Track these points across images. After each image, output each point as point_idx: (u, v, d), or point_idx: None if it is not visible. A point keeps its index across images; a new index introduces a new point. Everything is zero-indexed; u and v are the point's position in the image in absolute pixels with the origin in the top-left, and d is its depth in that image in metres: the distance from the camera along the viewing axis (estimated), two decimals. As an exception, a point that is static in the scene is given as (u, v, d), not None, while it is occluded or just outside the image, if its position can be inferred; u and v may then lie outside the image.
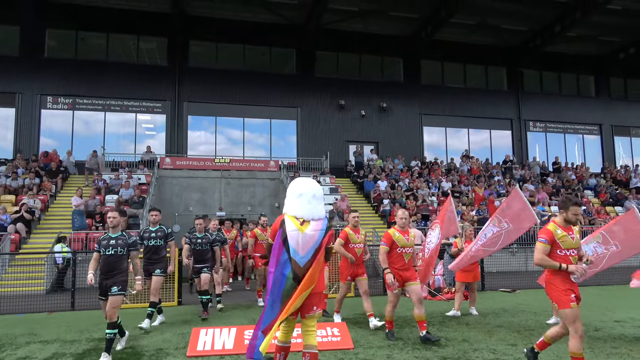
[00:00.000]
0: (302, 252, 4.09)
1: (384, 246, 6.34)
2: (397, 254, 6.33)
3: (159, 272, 7.59)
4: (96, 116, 21.70)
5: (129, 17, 21.49)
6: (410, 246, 6.42)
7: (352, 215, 7.69)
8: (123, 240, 6.01)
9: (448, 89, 25.49)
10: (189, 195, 19.00)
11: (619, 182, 23.88)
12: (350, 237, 7.41)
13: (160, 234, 7.75)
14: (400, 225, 6.47)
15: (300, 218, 4.19)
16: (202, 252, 8.38)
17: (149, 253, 7.71)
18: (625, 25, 23.73)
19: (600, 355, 5.59)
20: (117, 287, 5.81)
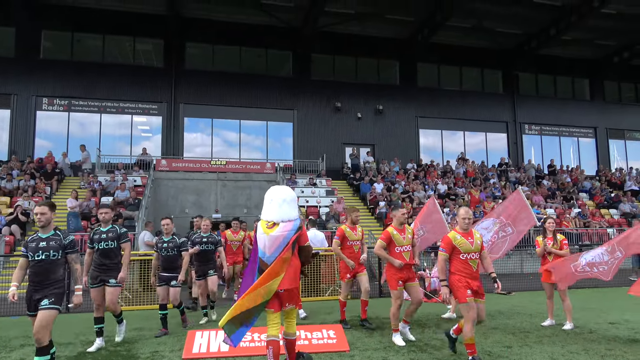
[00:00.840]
0: (268, 252, 4.61)
1: (444, 253, 5.48)
2: (462, 261, 5.45)
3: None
4: (92, 118, 21.64)
5: (125, 19, 21.47)
6: (476, 251, 5.52)
7: (354, 213, 7.62)
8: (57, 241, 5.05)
9: (444, 91, 25.58)
10: (185, 197, 18.97)
11: (613, 185, 24.00)
12: (348, 235, 7.36)
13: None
14: (463, 227, 5.55)
15: (270, 221, 4.71)
16: (169, 259, 7.34)
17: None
18: (620, 29, 23.90)
19: (594, 357, 5.62)
20: (48, 300, 4.80)
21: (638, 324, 7.50)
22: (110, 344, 6.49)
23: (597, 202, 22.01)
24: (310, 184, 19.69)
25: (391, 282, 6.41)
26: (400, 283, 6.34)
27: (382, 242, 6.46)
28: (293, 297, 4.69)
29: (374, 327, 7.13)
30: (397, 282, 6.34)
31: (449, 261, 5.54)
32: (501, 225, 7.65)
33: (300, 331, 6.20)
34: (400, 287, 6.37)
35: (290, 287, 4.64)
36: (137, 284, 10.46)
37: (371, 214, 18.94)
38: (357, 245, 7.39)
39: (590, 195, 22.77)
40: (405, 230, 6.55)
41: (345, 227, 7.35)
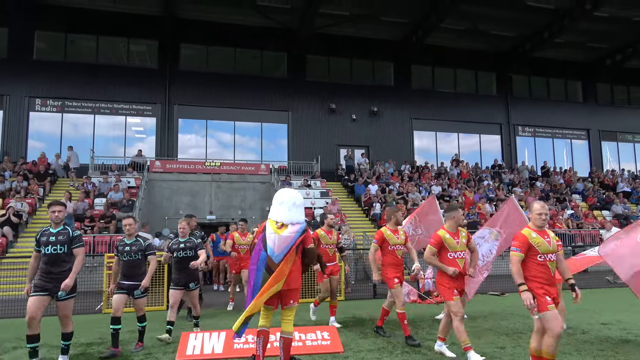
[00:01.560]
0: (277, 251, 4.81)
1: (519, 252, 4.68)
2: (539, 264, 4.65)
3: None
4: (85, 119, 21.54)
5: (119, 20, 21.39)
6: (554, 251, 4.77)
7: (398, 213, 6.79)
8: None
9: (438, 93, 25.67)
10: (179, 198, 18.91)
11: (606, 186, 24.17)
12: (387, 237, 6.59)
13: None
14: (538, 225, 4.78)
15: (279, 222, 4.92)
16: (131, 265, 6.30)
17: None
18: (612, 32, 24.11)
19: (586, 357, 5.66)
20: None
21: (630, 324, 7.56)
22: (104, 346, 6.46)
23: (589, 203, 22.16)
24: (305, 186, 19.69)
25: (445, 293, 5.55)
26: (456, 293, 5.51)
27: (433, 247, 5.63)
28: (296, 296, 4.97)
29: (389, 336, 6.69)
30: (453, 292, 5.50)
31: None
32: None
33: (295, 333, 6.20)
34: (457, 297, 5.50)
35: (292, 287, 4.92)
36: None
37: (365, 215, 18.97)
38: (400, 250, 6.57)
39: (583, 196, 22.92)
40: (459, 234, 5.70)
41: (386, 229, 6.58)
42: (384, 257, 6.48)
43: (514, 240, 4.80)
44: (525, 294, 4.55)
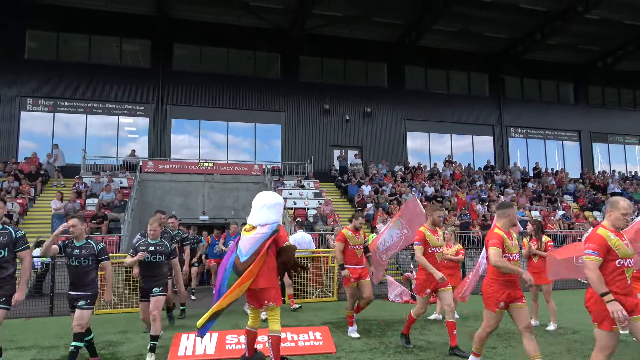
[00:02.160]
0: (244, 252, 5.05)
1: (597, 257, 3.96)
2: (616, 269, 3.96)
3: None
4: (77, 119, 21.38)
5: (112, 19, 21.27)
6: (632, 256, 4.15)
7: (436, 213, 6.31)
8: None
9: (431, 94, 25.77)
10: (172, 199, 18.83)
11: (597, 188, 24.37)
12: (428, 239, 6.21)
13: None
14: (619, 226, 4.07)
15: (250, 225, 5.21)
16: (79, 272, 5.44)
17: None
18: (603, 34, 24.32)
19: (577, 357, 5.71)
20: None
21: (620, 324, 7.61)
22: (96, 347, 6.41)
23: (581, 204, 22.33)
24: (298, 186, 19.68)
25: (489, 302, 4.88)
26: (502, 305, 4.83)
27: (498, 248, 4.73)
28: (270, 295, 5.01)
29: (412, 346, 6.21)
30: (499, 303, 4.82)
31: None
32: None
33: (287, 333, 6.21)
34: (499, 310, 4.87)
35: (266, 286, 5.02)
36: (123, 286, 10.37)
37: (359, 216, 18.96)
38: (439, 253, 6.16)
39: (574, 197, 23.10)
40: (510, 235, 4.98)
41: (425, 229, 6.09)
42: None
43: (590, 241, 4.02)
44: (614, 306, 3.75)
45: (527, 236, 7.82)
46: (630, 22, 23.25)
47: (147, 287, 6.18)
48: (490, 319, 4.90)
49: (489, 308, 4.89)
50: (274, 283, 5.07)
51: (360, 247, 7.00)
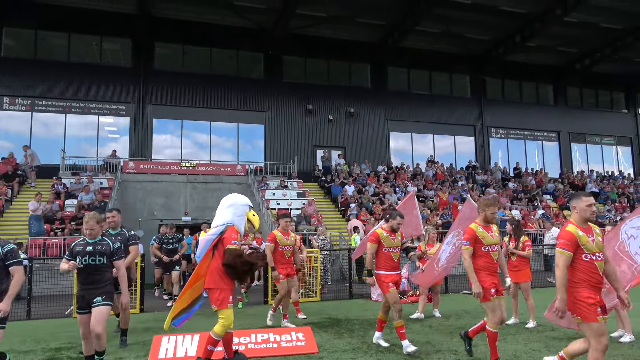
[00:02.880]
0: (198, 252, 5.32)
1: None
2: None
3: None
4: (56, 118, 21.01)
5: (92, 17, 20.92)
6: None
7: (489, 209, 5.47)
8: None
9: (414, 95, 25.96)
10: (154, 199, 18.63)
11: (575, 187, 24.83)
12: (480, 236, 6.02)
13: None
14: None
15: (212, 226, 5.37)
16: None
17: None
18: (581, 37, 24.82)
19: (555, 354, 5.78)
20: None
21: (597, 321, 7.76)
22: (73, 351, 6.31)
23: (560, 203, 22.74)
24: (282, 186, 19.64)
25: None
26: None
27: (567, 252, 4.17)
28: (213, 297, 5.02)
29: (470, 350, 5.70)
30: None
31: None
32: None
33: (270, 334, 6.19)
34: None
35: (209, 287, 5.07)
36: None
37: (342, 216, 19.03)
38: (495, 252, 5.29)
39: (553, 197, 23.51)
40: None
41: (477, 225, 5.30)
42: (476, 259, 5.14)
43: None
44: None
45: (507, 235, 7.92)
46: (607, 25, 23.79)
47: (88, 295, 5.05)
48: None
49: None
50: (218, 284, 5.00)
51: (397, 250, 6.11)
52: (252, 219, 5.38)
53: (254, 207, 18.37)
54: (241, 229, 5.25)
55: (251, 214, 5.39)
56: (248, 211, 5.36)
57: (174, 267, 10.68)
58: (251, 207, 5.47)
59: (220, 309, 4.97)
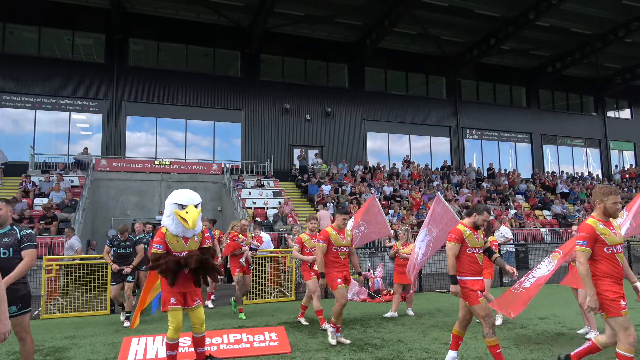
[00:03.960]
0: None
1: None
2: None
3: None
4: (25, 114, 20.41)
5: (64, 11, 20.42)
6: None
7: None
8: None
9: (391, 96, 26.16)
10: (127, 198, 18.30)
11: (546, 187, 25.45)
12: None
13: None
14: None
15: None
16: None
17: None
18: (553, 41, 25.45)
19: (524, 350, 5.91)
20: None
21: (565, 317, 7.98)
22: (40, 353, 6.13)
23: (531, 203, 23.24)
24: (258, 186, 19.53)
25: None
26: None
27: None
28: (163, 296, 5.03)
29: None
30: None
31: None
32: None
33: (242, 334, 6.15)
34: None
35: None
36: (72, 289, 9.99)
37: (319, 215, 19.02)
38: (621, 254, 4.44)
39: (525, 197, 24.01)
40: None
41: (595, 221, 4.40)
42: (596, 264, 4.32)
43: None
44: None
45: None
46: (577, 30, 24.43)
47: None
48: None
49: None
50: (163, 287, 5.01)
51: (480, 250, 5.18)
52: (185, 216, 4.78)
53: (230, 207, 18.09)
54: (172, 228, 4.89)
55: (183, 212, 4.79)
56: (177, 209, 4.83)
57: (126, 277, 8.34)
58: (183, 205, 4.84)
59: (165, 312, 4.95)
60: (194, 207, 4.89)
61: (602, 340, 4.56)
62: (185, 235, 4.94)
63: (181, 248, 4.91)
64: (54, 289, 9.61)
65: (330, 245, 6.44)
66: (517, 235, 19.11)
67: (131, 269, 8.21)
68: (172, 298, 4.87)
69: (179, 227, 4.86)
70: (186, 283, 4.93)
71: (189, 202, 4.88)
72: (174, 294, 4.89)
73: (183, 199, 4.89)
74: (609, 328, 4.38)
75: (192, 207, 4.87)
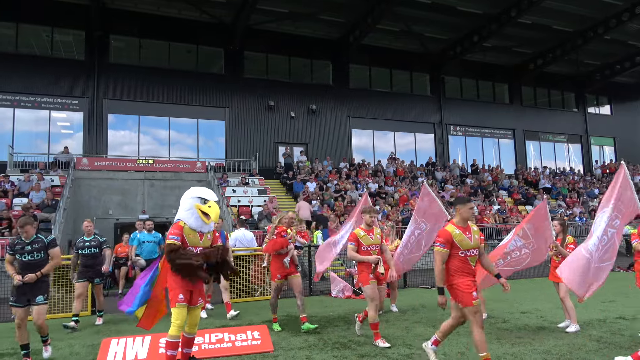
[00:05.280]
0: None
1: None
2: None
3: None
4: (4, 113, 19.98)
5: (42, 7, 19.98)
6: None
7: None
8: None
9: (376, 92, 26.19)
10: (109, 197, 18.05)
11: (529, 183, 25.76)
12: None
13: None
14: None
15: None
16: None
17: None
18: (535, 38, 25.71)
19: (505, 345, 5.96)
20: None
21: (546, 312, 8.08)
22: (17, 356, 6.00)
23: (514, 199, 23.51)
24: (243, 183, 19.43)
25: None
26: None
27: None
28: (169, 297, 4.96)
29: None
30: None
31: None
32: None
33: (224, 333, 6.10)
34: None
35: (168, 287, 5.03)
36: (53, 290, 9.79)
37: (304, 213, 18.98)
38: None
39: (509, 192, 24.28)
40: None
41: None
42: None
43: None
44: None
45: None
46: (559, 27, 24.73)
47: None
48: None
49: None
50: (170, 284, 4.94)
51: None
52: (207, 210, 4.88)
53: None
54: (191, 222, 4.88)
55: (206, 206, 4.89)
56: (199, 203, 4.89)
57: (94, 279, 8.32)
58: (205, 200, 4.93)
59: (172, 308, 4.84)
60: (215, 202, 5.02)
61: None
62: (201, 230, 4.95)
63: (196, 242, 4.91)
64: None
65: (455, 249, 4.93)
66: (501, 230, 19.32)
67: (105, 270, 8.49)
68: (181, 295, 4.79)
69: (198, 221, 4.89)
70: (198, 281, 4.93)
71: (211, 197, 4.99)
72: (182, 290, 4.81)
73: (205, 194, 4.98)
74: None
75: (214, 202, 4.99)
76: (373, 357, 5.49)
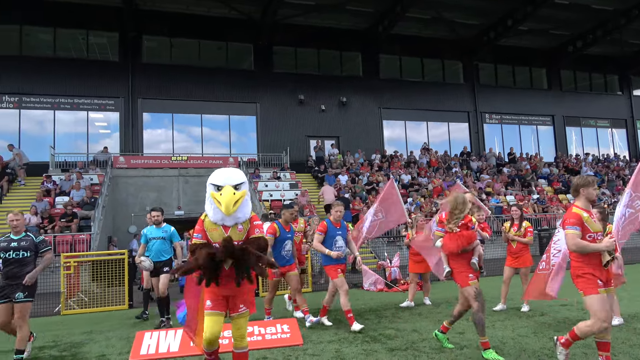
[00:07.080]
0: None
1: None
2: None
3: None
4: (46, 115, 20.79)
5: (77, 11, 20.59)
6: None
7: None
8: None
9: (406, 82, 25.74)
10: (146, 194, 18.50)
11: (570, 171, 24.76)
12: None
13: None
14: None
15: None
16: None
17: None
18: (573, 19, 24.59)
19: (542, 339, 5.73)
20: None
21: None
22: (57, 349, 6.22)
23: (554, 187, 22.67)
24: (274, 178, 19.52)
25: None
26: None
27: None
28: None
29: None
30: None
31: None
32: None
33: (254, 327, 6.11)
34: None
35: None
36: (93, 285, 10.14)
37: (336, 206, 18.90)
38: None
39: (548, 181, 23.43)
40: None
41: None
42: None
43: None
44: None
45: (509, 221, 7.78)
46: (598, 6, 23.56)
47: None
48: None
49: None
50: None
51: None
52: (220, 198, 3.91)
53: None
54: (211, 214, 4.07)
55: (218, 194, 3.93)
56: (214, 191, 3.98)
57: None
58: (219, 186, 3.96)
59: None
60: (232, 187, 3.94)
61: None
62: (224, 223, 4.04)
63: (220, 238, 3.98)
64: (74, 286, 9.77)
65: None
66: (541, 220, 18.70)
67: None
68: (209, 301, 4.02)
69: (218, 212, 3.99)
70: (228, 284, 3.95)
71: (225, 182, 3.95)
72: (212, 295, 4.01)
73: (219, 179, 4.00)
74: None
75: (229, 187, 3.93)
76: (403, 351, 5.37)
